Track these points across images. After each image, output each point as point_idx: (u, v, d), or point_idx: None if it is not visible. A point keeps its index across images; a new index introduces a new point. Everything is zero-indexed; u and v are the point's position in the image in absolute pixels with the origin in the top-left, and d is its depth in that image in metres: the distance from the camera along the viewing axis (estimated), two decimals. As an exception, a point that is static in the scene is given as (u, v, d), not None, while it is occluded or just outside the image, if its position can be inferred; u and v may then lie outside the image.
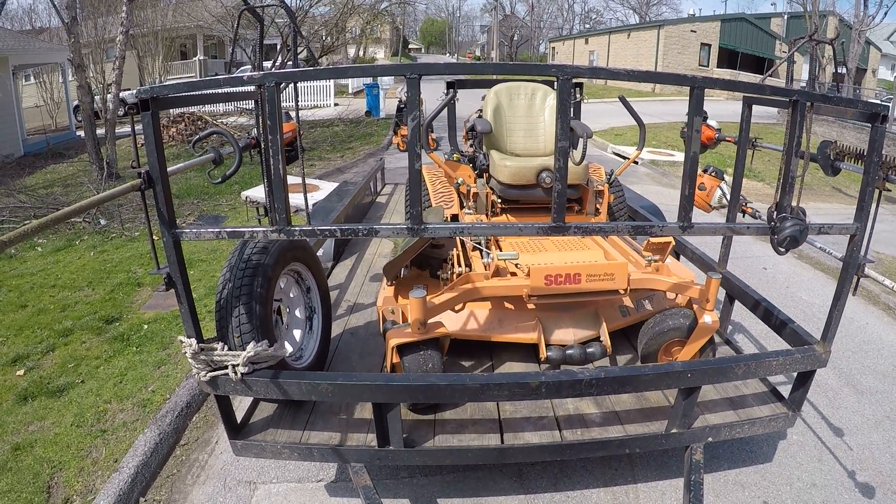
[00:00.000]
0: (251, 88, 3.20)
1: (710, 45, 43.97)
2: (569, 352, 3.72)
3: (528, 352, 3.94)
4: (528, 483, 3.78)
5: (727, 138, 4.48)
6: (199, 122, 16.68)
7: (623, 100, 4.40)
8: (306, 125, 18.73)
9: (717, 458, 4.12)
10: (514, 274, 3.77)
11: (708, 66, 43.78)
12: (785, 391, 3.76)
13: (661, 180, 13.73)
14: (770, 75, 3.82)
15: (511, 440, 3.23)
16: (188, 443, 4.21)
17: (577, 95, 5.63)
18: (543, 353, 3.71)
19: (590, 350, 3.74)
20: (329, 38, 21.76)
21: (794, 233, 2.76)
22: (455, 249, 4.11)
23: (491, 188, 4.69)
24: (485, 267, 3.84)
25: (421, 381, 2.99)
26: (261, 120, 2.85)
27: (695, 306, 3.74)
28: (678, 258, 5.21)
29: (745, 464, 4.13)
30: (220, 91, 4.30)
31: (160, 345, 5.25)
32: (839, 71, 33.89)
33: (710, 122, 4.56)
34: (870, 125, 2.93)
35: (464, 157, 5.13)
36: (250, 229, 2.65)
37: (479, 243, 4.04)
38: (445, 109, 4.76)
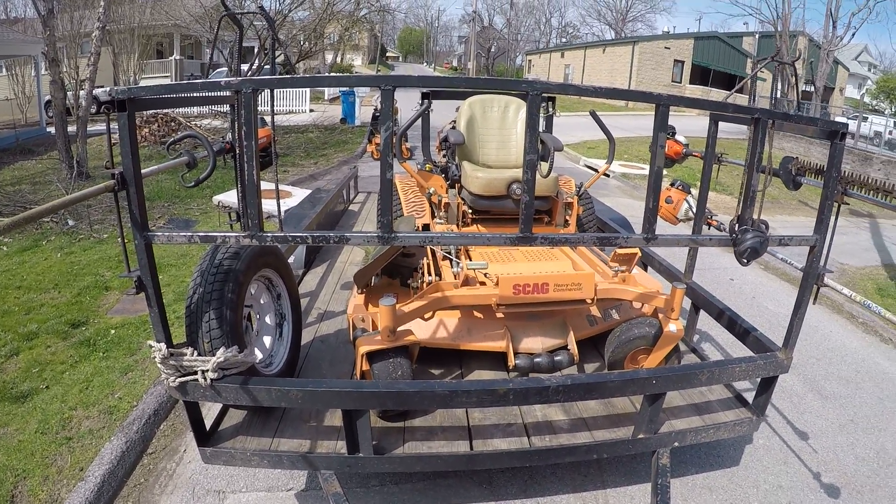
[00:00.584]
0: (227, 92, 3.21)
1: (683, 62, 44.58)
2: (537, 360, 3.78)
3: (497, 360, 3.99)
4: (498, 490, 3.81)
5: (694, 153, 4.58)
6: (173, 124, 16.47)
7: (594, 114, 4.48)
8: (281, 130, 18.57)
9: (684, 462, 4.21)
10: (483, 283, 3.83)
11: (681, 82, 44.40)
12: (750, 397, 3.86)
13: (633, 193, 13.89)
14: (738, 91, 3.90)
15: (480, 447, 3.27)
16: (156, 451, 4.16)
17: (550, 109, 5.71)
18: (512, 362, 3.77)
19: (557, 358, 3.80)
20: (307, 43, 21.66)
21: (755, 244, 2.85)
22: (425, 258, 4.14)
23: (462, 199, 4.74)
24: (454, 276, 3.88)
25: (390, 388, 3.02)
26: (236, 125, 2.85)
27: (660, 315, 3.83)
28: (646, 269, 5.30)
29: (713, 468, 4.22)
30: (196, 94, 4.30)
31: (127, 350, 5.19)
32: (805, 89, 34.53)
33: (678, 137, 4.66)
34: (829, 142, 3.03)
35: (436, 168, 5.17)
36: (223, 234, 2.65)
37: (450, 253, 4.09)
38: (420, 120, 4.81)
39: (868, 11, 30.60)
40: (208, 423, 3.27)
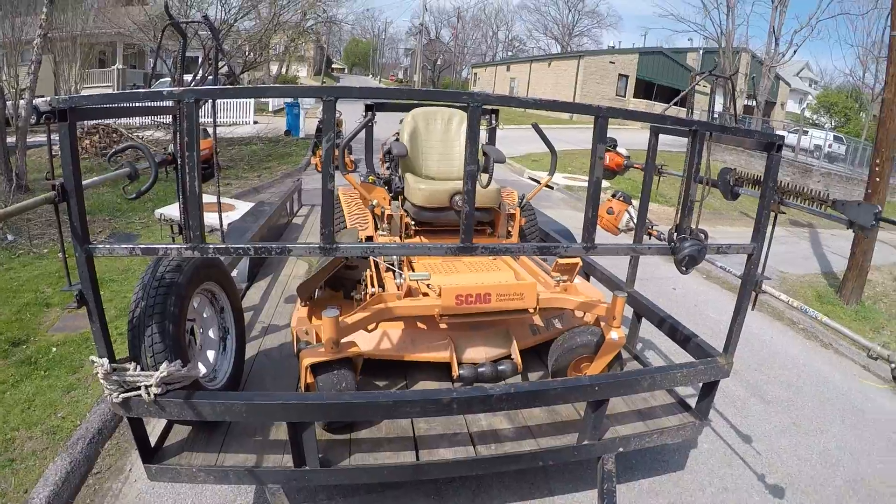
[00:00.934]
0: (170, 103, 3.17)
1: (627, 77, 45.50)
2: (480, 370, 3.82)
3: (441, 371, 4.00)
4: (445, 500, 3.81)
5: (635, 165, 4.68)
6: (115, 135, 16.03)
7: (536, 127, 4.56)
8: (224, 142, 18.20)
9: (630, 468, 4.27)
10: (426, 294, 3.85)
11: (625, 96, 45.29)
12: (693, 403, 3.94)
13: (576, 205, 14.06)
14: (678, 104, 3.99)
15: (426, 457, 3.27)
16: (101, 471, 4.03)
17: (493, 122, 5.78)
18: (455, 372, 3.80)
19: (501, 368, 3.86)
20: (252, 53, 21.40)
21: (693, 252, 2.93)
22: (369, 270, 4.15)
23: (405, 210, 4.76)
24: (397, 287, 3.90)
25: (335, 400, 3.01)
26: (178, 136, 2.81)
27: (602, 324, 3.89)
28: (588, 279, 5.39)
29: (659, 472, 4.30)
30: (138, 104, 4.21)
31: (70, 369, 5.05)
32: (747, 103, 35.56)
33: (620, 149, 4.76)
34: (766, 153, 3.14)
35: (379, 180, 5.18)
36: (164, 246, 2.61)
37: (392, 264, 4.10)
38: (364, 132, 4.80)
39: (810, 29, 31.82)
40: (153, 440, 3.21)
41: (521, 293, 3.73)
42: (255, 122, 24.83)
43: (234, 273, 5.24)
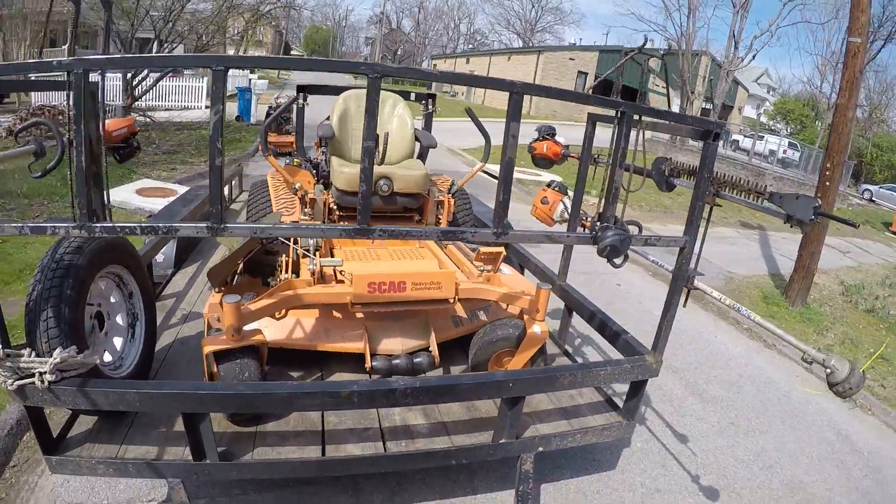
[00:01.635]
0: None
1: (586, 74, 45.68)
2: (395, 362, 3.69)
3: (359, 363, 3.84)
4: (363, 497, 3.70)
5: (572, 154, 4.60)
6: (60, 117, 15.66)
7: (470, 112, 4.47)
8: (173, 127, 17.79)
9: (559, 467, 4.18)
10: (341, 281, 3.71)
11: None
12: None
13: (526, 199, 14.00)
14: (603, 82, 3.95)
15: (333, 452, 3.15)
16: (18, 464, 3.86)
17: (430, 107, 5.65)
18: (369, 363, 3.66)
19: (417, 360, 3.73)
20: (206, 37, 20.92)
21: (615, 241, 2.78)
22: (284, 256, 3.99)
23: (331, 194, 4.62)
24: (311, 273, 3.75)
25: (228, 390, 2.88)
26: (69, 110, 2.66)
27: (525, 317, 3.79)
28: (523, 272, 5.29)
29: (588, 472, 4.22)
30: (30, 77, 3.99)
31: (-13, 358, 4.81)
32: (704, 106, 35.99)
33: (558, 138, 4.67)
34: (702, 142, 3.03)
35: (307, 163, 5.02)
36: (52, 225, 2.48)
37: (308, 249, 3.95)
38: (295, 115, 4.64)
39: (770, 35, 32.27)
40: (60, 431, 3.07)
41: (439, 282, 3.60)
42: (207, 107, 24.39)
43: (159, 258, 5.04)
